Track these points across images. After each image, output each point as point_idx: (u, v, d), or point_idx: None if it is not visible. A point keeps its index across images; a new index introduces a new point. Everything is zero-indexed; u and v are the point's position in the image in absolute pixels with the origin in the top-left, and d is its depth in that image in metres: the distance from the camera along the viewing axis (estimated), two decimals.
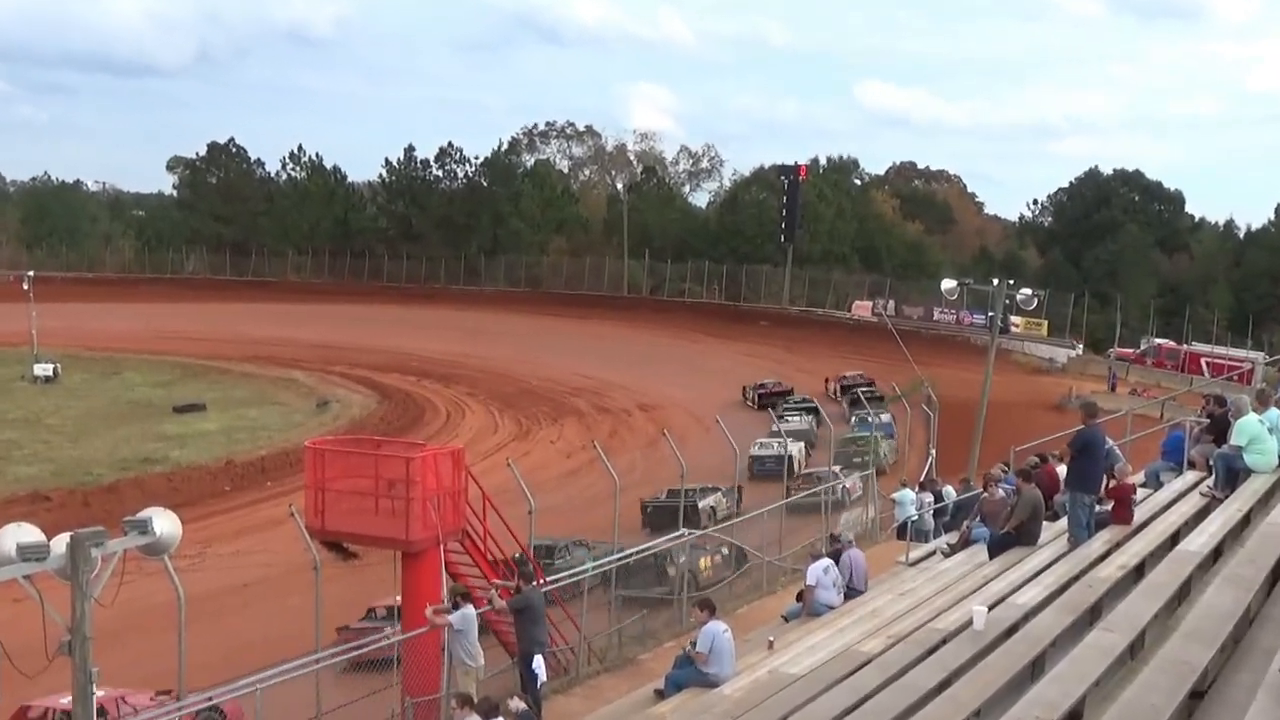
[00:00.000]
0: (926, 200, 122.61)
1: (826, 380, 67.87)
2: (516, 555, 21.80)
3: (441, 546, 20.05)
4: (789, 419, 51.93)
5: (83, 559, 9.98)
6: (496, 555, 21.67)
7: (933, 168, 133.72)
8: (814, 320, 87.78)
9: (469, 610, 17.46)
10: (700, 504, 38.28)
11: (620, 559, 23.48)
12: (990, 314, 49.83)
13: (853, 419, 55.64)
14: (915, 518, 25.78)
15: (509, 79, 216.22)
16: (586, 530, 36.01)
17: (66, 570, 10.06)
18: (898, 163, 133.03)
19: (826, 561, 18.31)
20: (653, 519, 37.66)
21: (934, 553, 21.35)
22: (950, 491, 28.28)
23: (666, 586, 25.72)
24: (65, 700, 15.03)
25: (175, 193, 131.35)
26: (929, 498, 28.25)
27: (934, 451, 42.49)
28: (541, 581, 19.92)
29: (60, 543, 10.11)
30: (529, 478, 24.18)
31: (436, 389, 71.39)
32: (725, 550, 29.71)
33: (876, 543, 29.49)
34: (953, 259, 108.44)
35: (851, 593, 18.49)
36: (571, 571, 24.05)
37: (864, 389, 58.35)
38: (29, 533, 10.08)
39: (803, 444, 50.46)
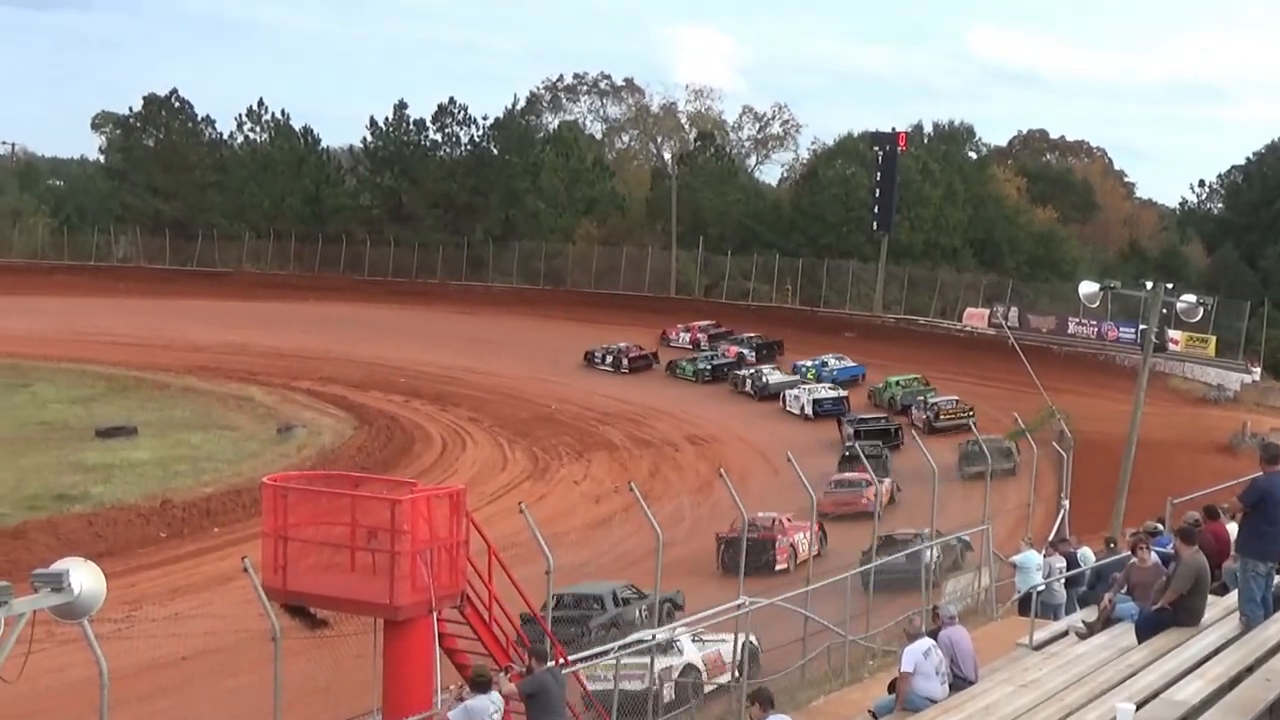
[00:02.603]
0: (1061, 180, 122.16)
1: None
2: (523, 613, 21.76)
3: (435, 614, 20.08)
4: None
5: None
6: (506, 627, 21.69)
7: (1069, 138, 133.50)
8: (914, 331, 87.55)
9: (485, 702, 17.25)
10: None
11: (679, 629, 23.47)
12: (1142, 327, 49.56)
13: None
14: (1042, 587, 25.63)
15: (524, 15, 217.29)
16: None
17: None
18: (1024, 131, 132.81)
19: (927, 643, 18.22)
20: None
21: (1066, 633, 21.21)
22: (1088, 555, 28.11)
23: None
24: None
25: (102, 158, 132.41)
26: (1060, 562, 28.07)
27: (1066, 503, 42.33)
28: (561, 661, 19.96)
29: None
30: (547, 527, 24.30)
31: (430, 412, 71.65)
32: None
33: (991, 619, 29.37)
34: (1094, 255, 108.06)
35: (958, 683, 18.41)
36: (598, 650, 24.06)
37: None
38: None
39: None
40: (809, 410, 71.01)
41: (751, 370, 78.56)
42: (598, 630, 32.98)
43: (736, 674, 24.69)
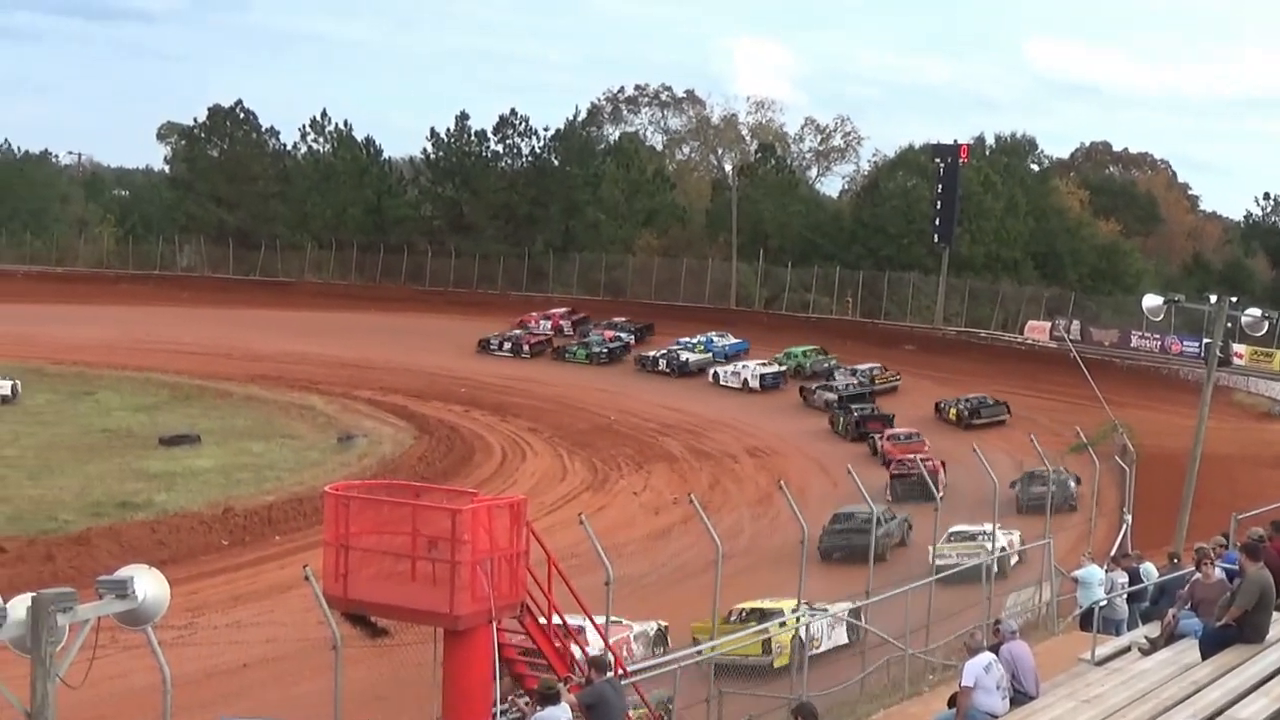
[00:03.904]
0: (1124, 192, 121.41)
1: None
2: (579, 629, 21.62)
3: (494, 624, 20.08)
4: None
5: (47, 627, 10.09)
6: (563, 637, 21.68)
7: (1132, 150, 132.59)
8: (975, 344, 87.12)
9: (555, 713, 17.24)
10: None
11: (726, 644, 23.43)
12: (1206, 341, 49.16)
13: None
14: (1104, 603, 25.43)
15: (585, 27, 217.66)
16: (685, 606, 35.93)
17: (26, 641, 10.18)
18: (1087, 144, 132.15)
19: (988, 657, 18.10)
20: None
21: (1128, 649, 21.06)
22: (1150, 570, 27.87)
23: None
24: None
25: (167, 168, 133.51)
26: (1122, 577, 27.84)
27: (1129, 518, 42.07)
28: (621, 672, 19.92)
29: (19, 606, 10.23)
30: (606, 538, 24.29)
31: (490, 422, 71.83)
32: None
33: (1053, 633, 29.15)
34: (1158, 269, 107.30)
35: (1019, 698, 18.28)
36: (659, 660, 24.01)
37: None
38: None
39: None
40: (754, 384, 79.93)
41: (664, 351, 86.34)
42: None
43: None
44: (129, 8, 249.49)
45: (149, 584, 10.98)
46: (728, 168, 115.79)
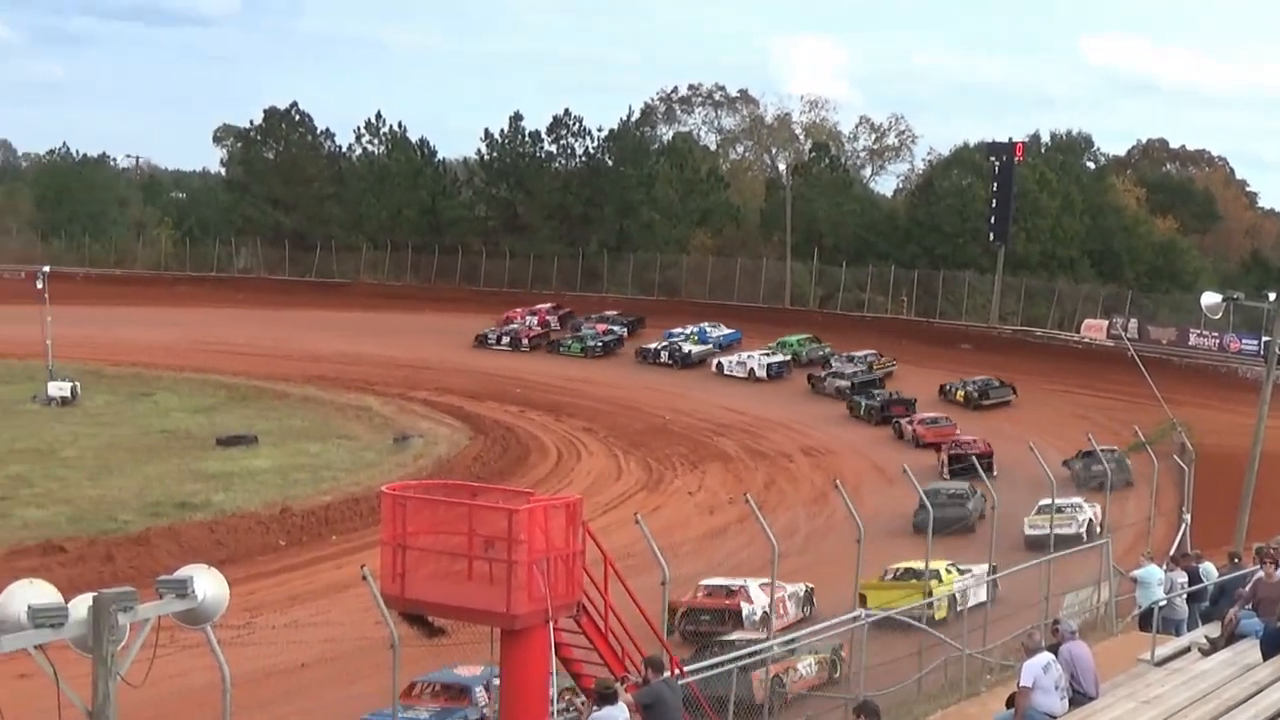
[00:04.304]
0: (1181, 189, 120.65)
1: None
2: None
3: (551, 624, 20.10)
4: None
5: (108, 626, 10.15)
6: (620, 637, 21.66)
7: (1189, 147, 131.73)
8: (1031, 343, 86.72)
9: (612, 713, 17.26)
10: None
11: (781, 644, 23.38)
12: (1266, 338, 48.81)
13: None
14: (1163, 603, 25.26)
15: (638, 28, 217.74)
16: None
17: (87, 640, 10.25)
18: (1143, 140, 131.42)
19: (1047, 657, 18.02)
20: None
21: (1189, 649, 20.95)
22: (1210, 569, 27.66)
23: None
24: None
25: (223, 171, 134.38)
26: (1181, 577, 27.63)
27: (1188, 517, 41.71)
28: (678, 672, 19.89)
29: (80, 605, 10.30)
30: (662, 538, 24.29)
31: (545, 422, 71.91)
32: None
33: (1111, 634, 29.00)
34: (1216, 266, 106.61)
35: (1078, 698, 18.20)
36: (714, 660, 23.99)
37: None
38: (43, 592, 10.27)
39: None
40: (761, 373, 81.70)
41: (665, 343, 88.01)
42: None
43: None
44: (185, 12, 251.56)
45: (208, 584, 11.05)
46: (782, 167, 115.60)
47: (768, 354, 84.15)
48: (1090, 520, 46.16)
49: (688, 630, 35.83)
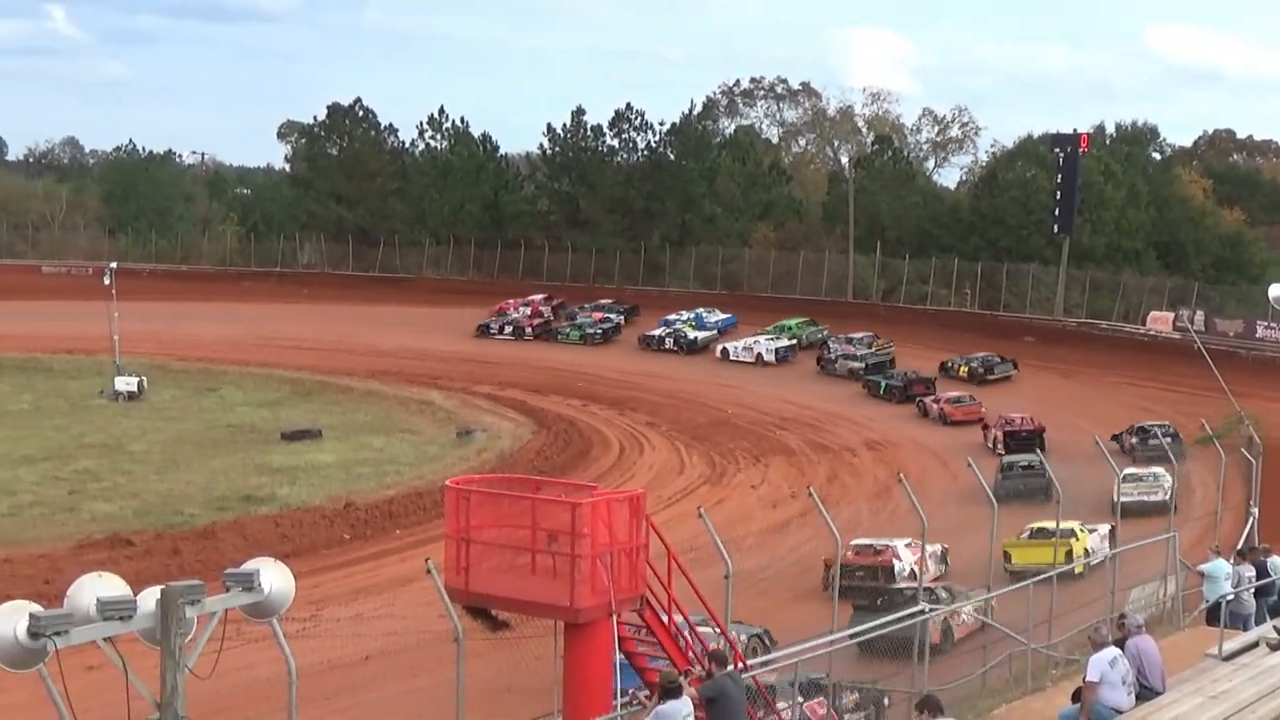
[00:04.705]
0: (1248, 180, 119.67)
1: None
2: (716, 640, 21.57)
3: (615, 617, 20.11)
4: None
5: (176, 619, 10.22)
6: (683, 631, 21.64)
7: (1257, 137, 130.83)
8: (1095, 336, 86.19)
9: (677, 706, 17.22)
10: None
11: (852, 637, 23.36)
12: None
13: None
14: (1231, 597, 25.08)
15: (700, 22, 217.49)
16: (805, 598, 35.77)
17: (155, 633, 10.32)
18: (1210, 131, 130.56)
19: (1113, 652, 17.92)
20: None
21: (1257, 643, 20.75)
22: (1278, 564, 27.47)
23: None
24: None
25: (287, 167, 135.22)
26: (1249, 571, 27.43)
27: (1256, 511, 41.31)
28: (741, 666, 19.87)
29: (148, 598, 10.37)
30: (725, 532, 24.24)
31: (608, 416, 72.00)
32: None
33: (1178, 628, 28.78)
34: None
35: (1145, 693, 18.09)
36: (777, 654, 23.96)
37: None
38: (111, 585, 10.35)
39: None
40: (769, 358, 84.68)
41: (669, 330, 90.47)
42: None
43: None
44: (248, 8, 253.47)
45: (275, 577, 11.11)
46: (844, 160, 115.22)
47: (773, 338, 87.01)
48: (1174, 489, 46.88)
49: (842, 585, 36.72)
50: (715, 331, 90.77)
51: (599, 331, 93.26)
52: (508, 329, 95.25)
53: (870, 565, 40.93)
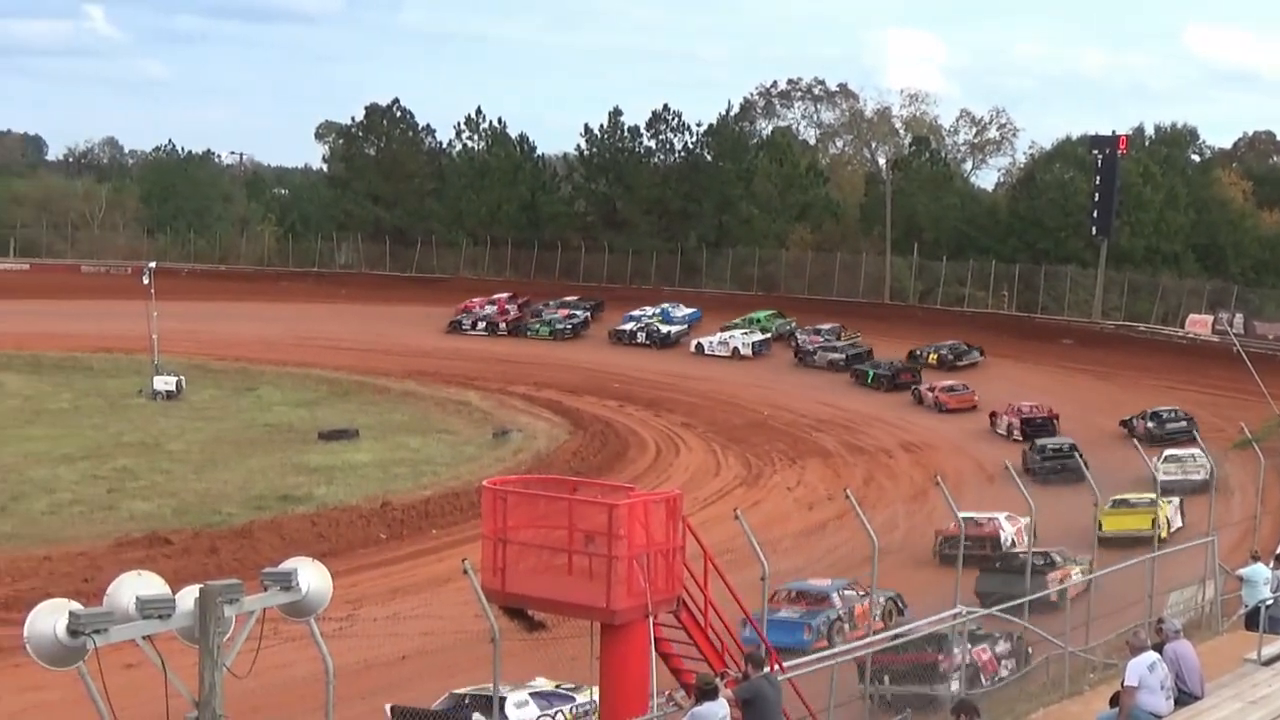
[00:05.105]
0: None
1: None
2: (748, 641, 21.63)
3: (651, 619, 20.10)
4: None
5: (214, 618, 10.27)
6: (720, 632, 21.64)
7: None
8: (1134, 338, 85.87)
9: (713, 708, 17.20)
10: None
11: (881, 642, 23.30)
12: None
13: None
14: (1270, 601, 24.96)
15: (737, 23, 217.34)
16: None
17: (194, 631, 10.36)
18: (1249, 133, 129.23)
19: (1152, 656, 17.83)
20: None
21: None
22: None
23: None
24: None
25: (325, 167, 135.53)
26: None
27: None
28: (777, 668, 19.83)
29: (187, 597, 10.42)
30: (761, 533, 24.18)
31: (644, 417, 71.95)
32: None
33: (1217, 633, 28.63)
34: None
35: (1183, 698, 18.01)
36: (815, 656, 23.94)
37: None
38: (151, 584, 10.40)
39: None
40: (745, 352, 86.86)
41: (641, 325, 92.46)
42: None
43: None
44: (286, 9, 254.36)
45: (312, 576, 11.14)
46: (881, 161, 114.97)
47: (747, 332, 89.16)
48: (1214, 469, 47.93)
49: (948, 554, 40.92)
50: (685, 326, 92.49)
51: (568, 327, 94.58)
52: (480, 325, 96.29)
53: (979, 536, 43.51)
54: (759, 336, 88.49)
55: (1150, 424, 63.79)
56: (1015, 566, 36.23)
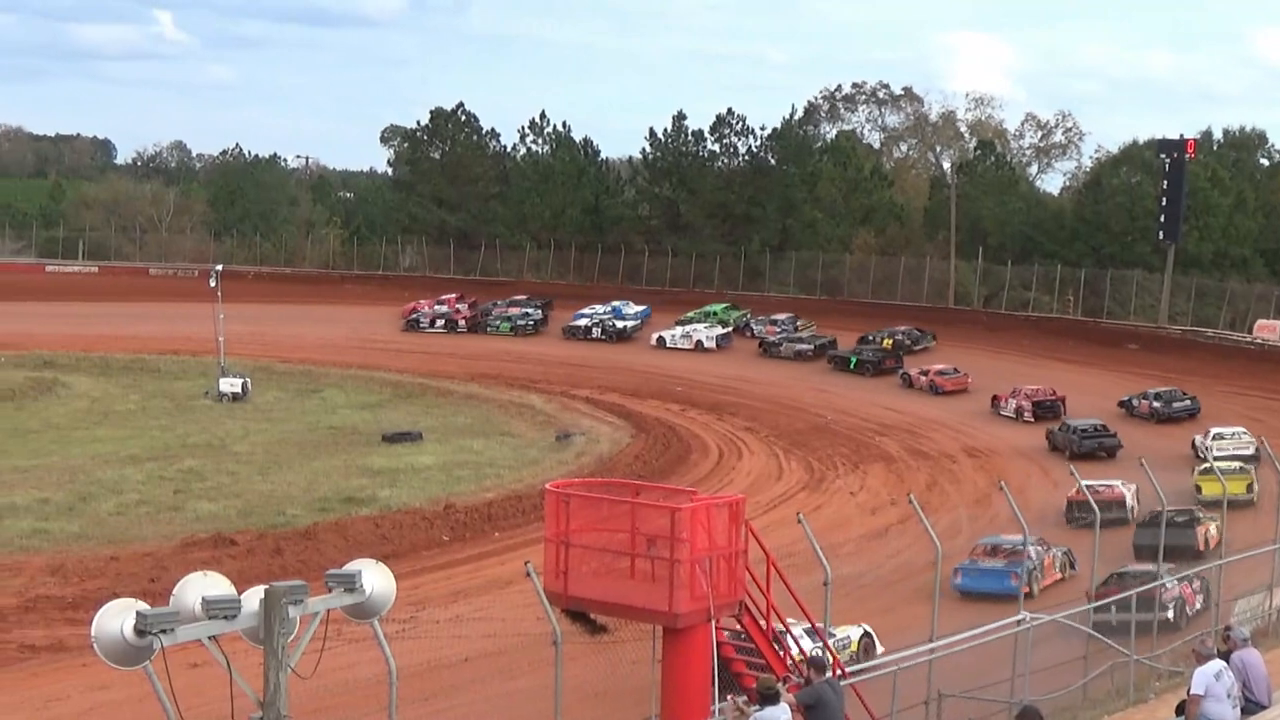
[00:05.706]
0: None
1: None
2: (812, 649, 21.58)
3: (714, 623, 20.07)
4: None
5: (279, 619, 10.33)
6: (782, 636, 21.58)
7: None
8: (1200, 344, 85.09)
9: (775, 713, 17.21)
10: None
11: (944, 648, 23.20)
12: None
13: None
14: None
15: (802, 27, 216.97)
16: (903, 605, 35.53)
17: (259, 632, 10.43)
18: None
19: (1219, 664, 17.68)
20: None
21: None
22: None
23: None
24: None
25: (390, 171, 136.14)
26: None
27: None
28: (840, 672, 19.78)
29: (252, 598, 10.48)
30: (823, 538, 24.10)
31: (706, 421, 71.87)
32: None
33: None
34: None
35: (1250, 707, 17.84)
36: (878, 661, 23.86)
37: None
38: (217, 584, 10.48)
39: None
40: (709, 345, 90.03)
41: (594, 320, 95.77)
42: None
43: None
44: (352, 14, 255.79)
45: (376, 578, 11.19)
46: (946, 165, 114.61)
47: (710, 326, 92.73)
48: (1260, 446, 50.35)
49: (1077, 517, 46.69)
50: (639, 321, 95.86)
51: (530, 323, 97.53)
52: (439, 322, 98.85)
53: (1107, 500, 46.68)
54: (720, 330, 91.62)
55: (1156, 403, 68.41)
56: (1156, 520, 37.06)
